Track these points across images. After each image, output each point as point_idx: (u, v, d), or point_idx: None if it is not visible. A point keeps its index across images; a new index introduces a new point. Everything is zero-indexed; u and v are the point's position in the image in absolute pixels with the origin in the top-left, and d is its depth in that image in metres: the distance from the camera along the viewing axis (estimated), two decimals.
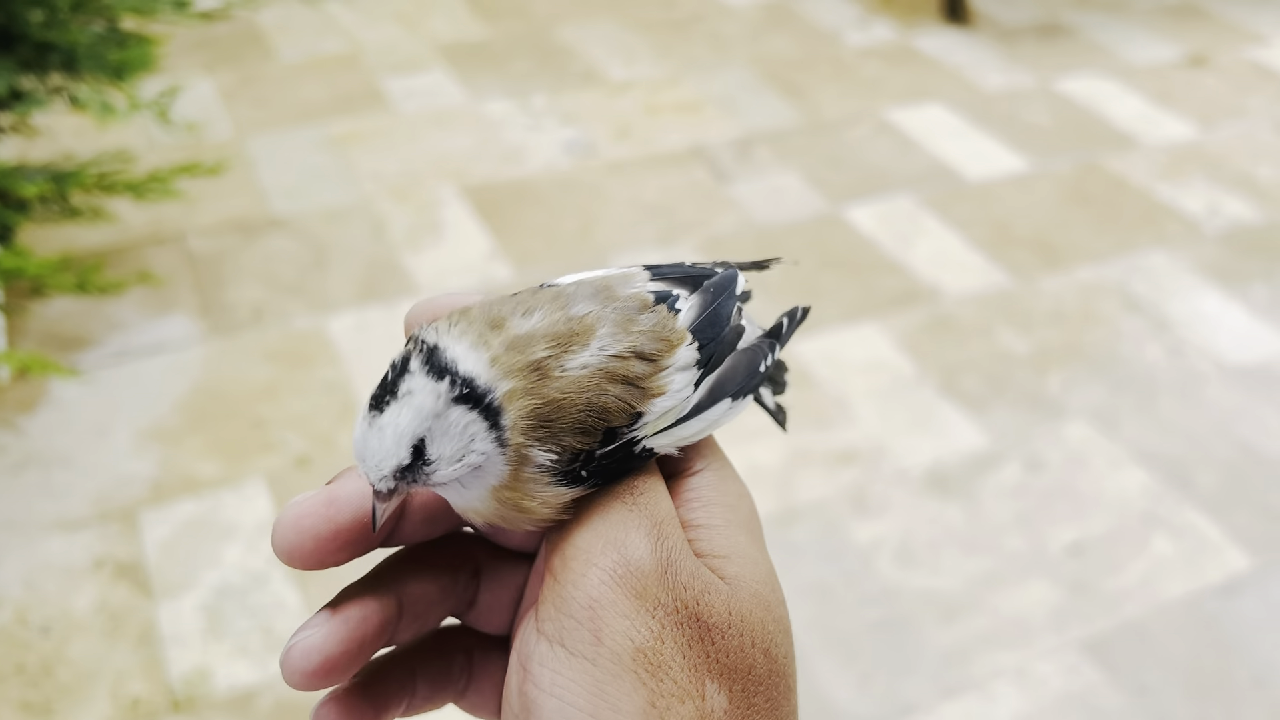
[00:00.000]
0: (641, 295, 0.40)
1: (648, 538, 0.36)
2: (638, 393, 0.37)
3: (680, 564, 0.35)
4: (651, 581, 0.35)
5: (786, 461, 1.85)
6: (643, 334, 0.38)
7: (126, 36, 2.00)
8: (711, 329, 0.41)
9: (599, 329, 0.38)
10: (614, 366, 0.37)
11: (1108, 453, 1.90)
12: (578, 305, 0.38)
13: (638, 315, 0.39)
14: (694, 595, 0.35)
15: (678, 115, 2.85)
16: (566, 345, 0.37)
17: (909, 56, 3.21)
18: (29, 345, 1.99)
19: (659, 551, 0.35)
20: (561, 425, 0.36)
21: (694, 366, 0.39)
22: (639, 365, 0.38)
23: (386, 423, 0.35)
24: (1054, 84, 3.09)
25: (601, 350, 0.37)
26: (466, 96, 2.89)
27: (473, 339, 0.36)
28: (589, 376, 0.37)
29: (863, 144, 2.76)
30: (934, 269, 2.32)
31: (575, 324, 0.38)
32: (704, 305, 0.41)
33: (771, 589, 0.38)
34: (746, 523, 0.39)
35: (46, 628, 1.54)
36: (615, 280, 0.41)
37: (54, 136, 2.46)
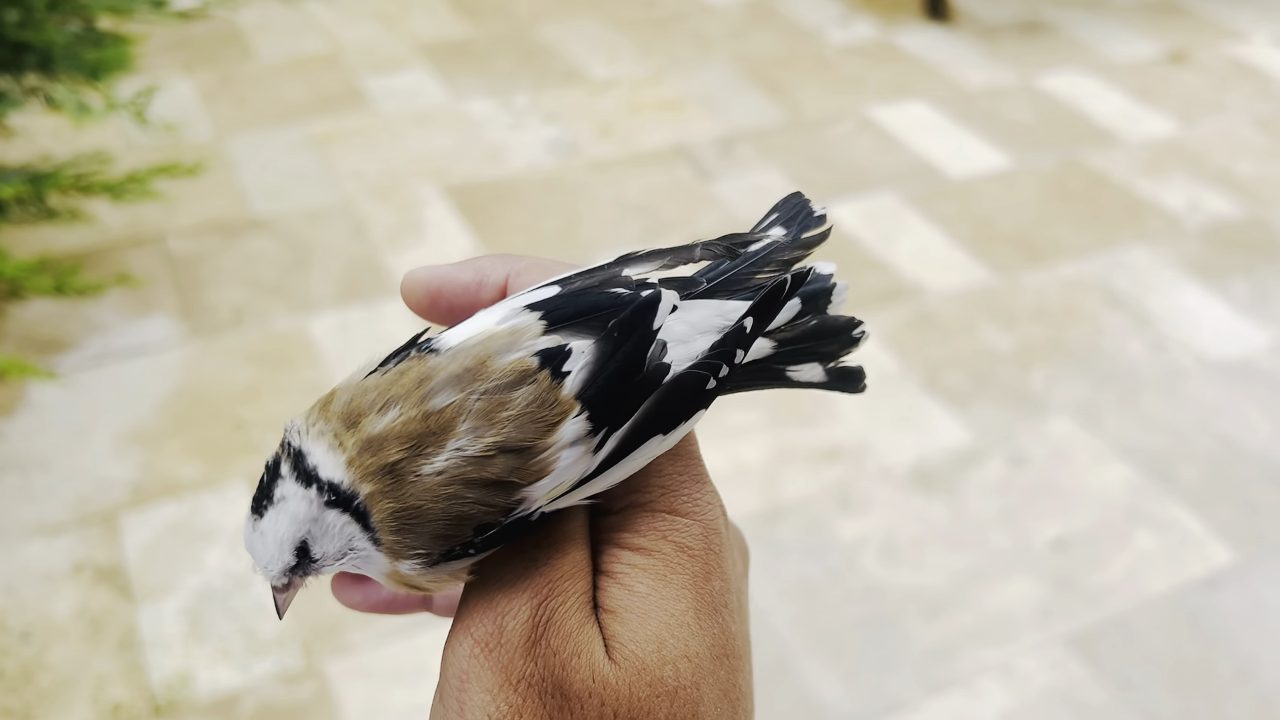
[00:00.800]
0: (521, 363, 0.36)
1: (530, 601, 0.34)
2: (505, 489, 0.35)
3: (558, 628, 0.34)
4: (518, 652, 0.33)
5: (771, 459, 1.84)
6: (512, 422, 0.35)
7: (103, 36, 1.98)
8: (612, 387, 0.36)
9: (458, 424, 0.35)
10: (470, 471, 0.34)
11: (1091, 448, 1.91)
12: (437, 396, 0.35)
13: (510, 394, 0.35)
14: (560, 661, 0.33)
15: (660, 114, 2.85)
16: (420, 448, 0.35)
17: (891, 54, 3.21)
18: (7, 348, 1.97)
19: (538, 614, 0.34)
20: (423, 530, 0.35)
21: (585, 436, 0.36)
22: (503, 462, 0.35)
23: (267, 528, 0.36)
24: (1035, 81, 3.09)
25: (458, 451, 0.35)
26: (448, 96, 2.88)
27: (329, 441, 0.36)
28: (444, 483, 0.34)
29: (845, 142, 2.76)
30: (917, 266, 2.32)
31: (431, 421, 0.35)
32: (600, 360, 0.36)
33: (663, 654, 0.34)
34: (662, 569, 0.36)
35: (26, 633, 1.53)
36: (496, 345, 0.36)
37: (31, 137, 2.44)
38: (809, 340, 0.42)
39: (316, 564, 0.37)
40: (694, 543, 0.37)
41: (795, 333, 0.42)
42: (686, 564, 0.36)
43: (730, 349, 0.38)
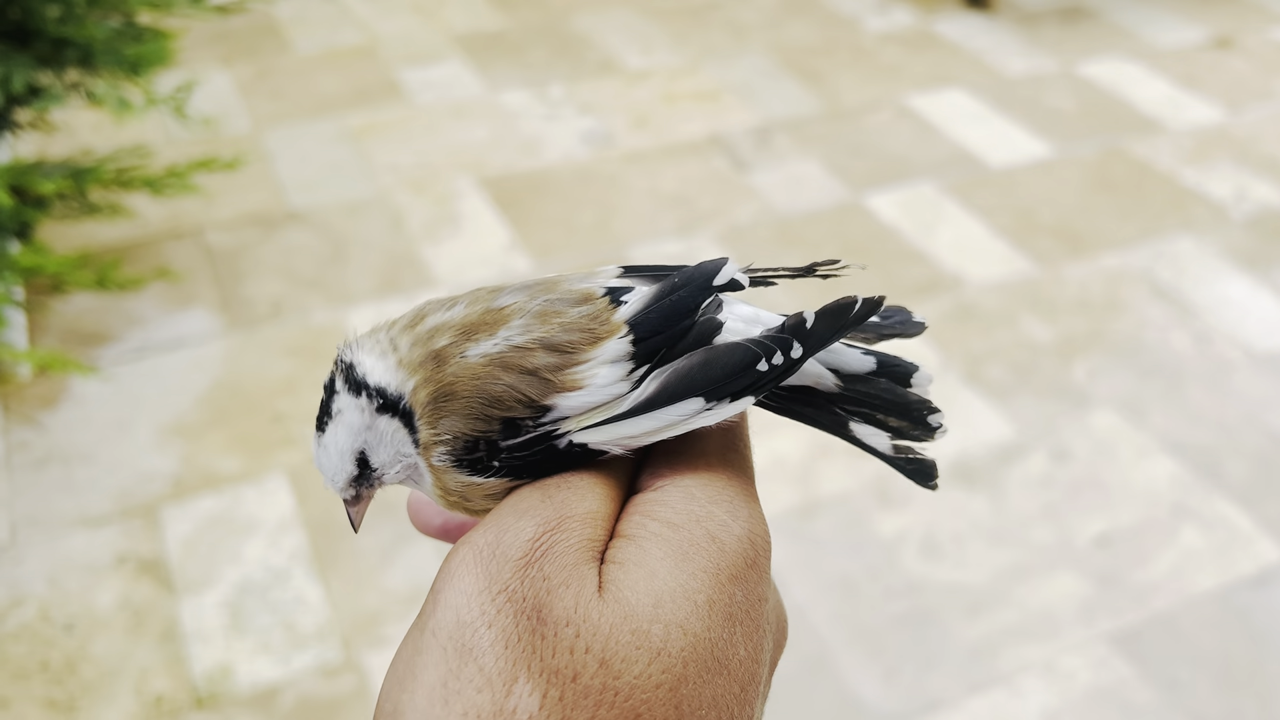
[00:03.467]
0: (587, 289, 0.38)
1: (535, 526, 0.34)
2: (539, 384, 0.36)
3: (555, 557, 0.33)
4: (509, 566, 0.33)
5: (809, 453, 1.83)
6: (561, 326, 0.37)
7: (142, 31, 1.99)
8: (661, 321, 0.37)
9: (514, 320, 0.37)
10: (511, 356, 0.36)
11: (1135, 442, 1.88)
12: (504, 297, 0.38)
13: (568, 309, 0.37)
14: (547, 586, 0.32)
15: (696, 104, 2.83)
16: (472, 334, 0.36)
17: (929, 42, 3.17)
18: (50, 342, 1.99)
19: (539, 541, 0.33)
20: (452, 408, 0.36)
21: (626, 360, 0.36)
22: (543, 357, 0.36)
23: (329, 442, 0.38)
24: (1077, 68, 3.05)
25: (506, 339, 0.36)
26: (483, 87, 2.87)
27: (381, 347, 0.37)
28: (483, 364, 0.36)
29: (883, 131, 2.73)
30: (957, 257, 2.29)
31: (490, 315, 0.37)
32: (657, 296, 0.38)
33: (658, 611, 0.33)
34: (686, 546, 0.34)
35: (70, 625, 1.54)
36: (574, 276, 0.39)
37: (72, 133, 2.46)
38: (877, 402, 0.41)
39: (377, 473, 0.38)
40: (729, 540, 0.35)
41: (865, 386, 0.41)
42: (714, 554, 0.34)
43: (788, 339, 0.37)
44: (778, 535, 1.69)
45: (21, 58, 1.84)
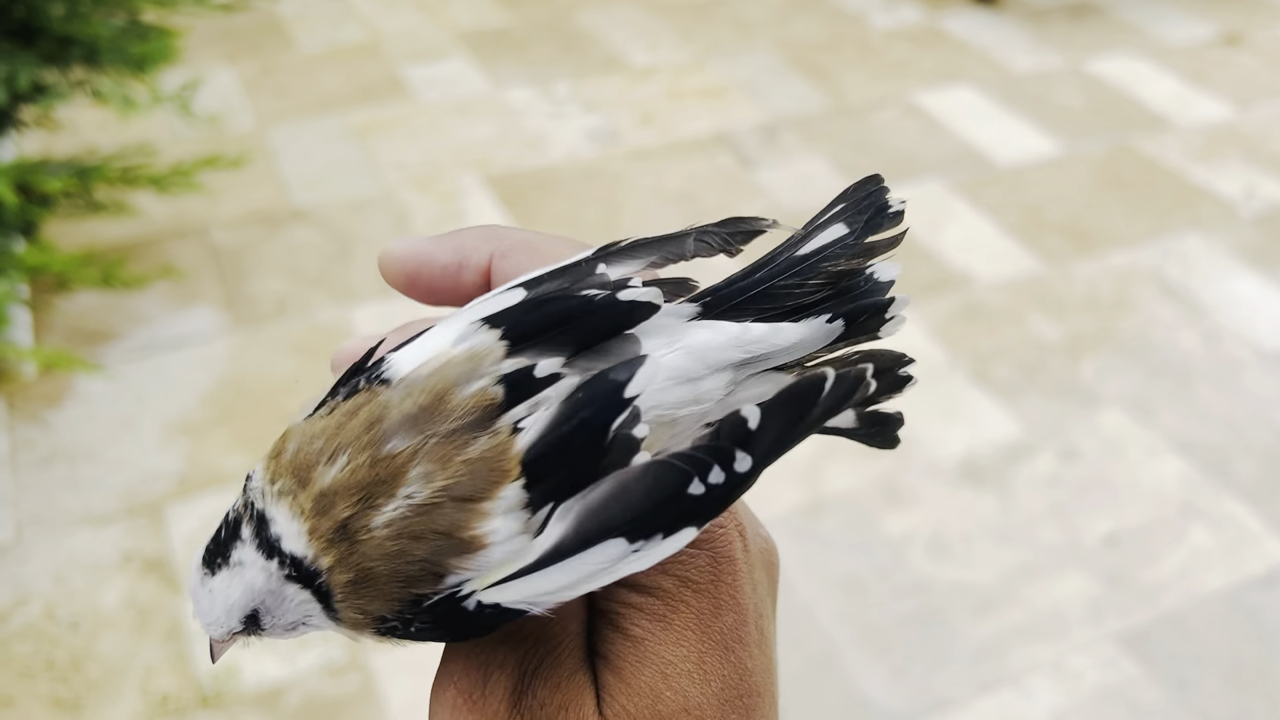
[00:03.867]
0: (484, 395, 0.31)
1: (516, 649, 0.32)
2: (454, 546, 0.30)
3: (545, 677, 0.32)
4: (503, 705, 0.31)
5: (816, 452, 1.82)
6: (466, 467, 0.30)
7: (147, 29, 1.99)
8: (559, 458, 0.30)
9: (410, 469, 0.30)
10: (418, 522, 0.30)
11: (1144, 441, 1.87)
12: (391, 440, 0.31)
13: (468, 439, 0.30)
14: (546, 715, 0.31)
15: (702, 101, 2.82)
16: (371, 499, 0.31)
17: (936, 38, 3.16)
18: (54, 340, 1.99)
19: (524, 664, 0.32)
20: (371, 593, 0.31)
21: (520, 509, 0.30)
22: (451, 512, 0.30)
23: (218, 588, 0.34)
24: (1085, 65, 3.03)
25: (407, 500, 0.30)
26: (488, 84, 2.87)
27: (290, 506, 0.32)
28: (392, 539, 0.30)
29: (890, 128, 2.72)
30: (964, 255, 2.28)
31: (381, 468, 0.31)
32: (560, 420, 0.30)
33: (660, 704, 0.31)
34: (676, 603, 0.33)
35: (75, 623, 1.54)
36: (453, 374, 0.31)
37: (77, 130, 2.46)
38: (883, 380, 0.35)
39: (264, 631, 0.34)
40: (700, 576, 0.33)
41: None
42: (691, 600, 0.32)
43: (726, 448, 0.30)
44: (784, 534, 1.68)
45: (26, 55, 1.84)
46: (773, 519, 1.70)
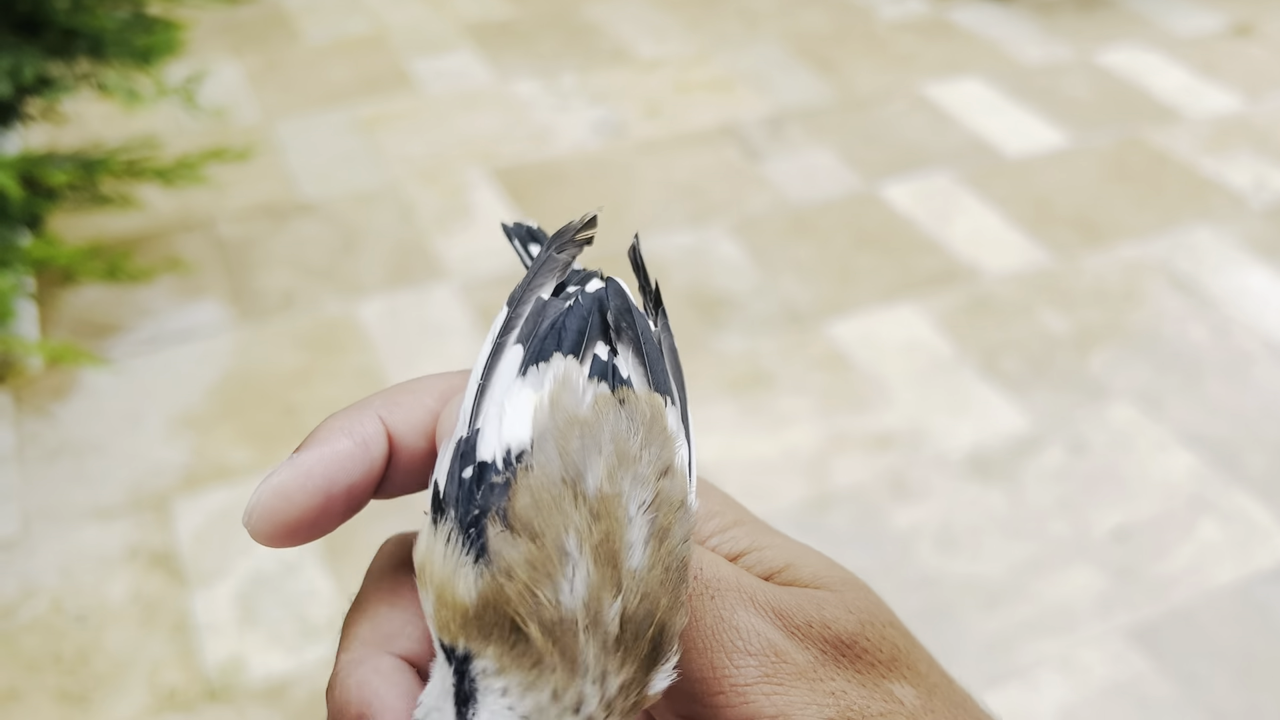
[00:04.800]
0: (599, 396, 0.30)
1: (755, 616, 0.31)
2: (686, 511, 0.29)
3: (784, 601, 0.32)
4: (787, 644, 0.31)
5: (822, 445, 1.82)
6: (646, 449, 0.29)
7: (152, 21, 1.98)
8: (659, 364, 0.33)
9: (627, 500, 0.28)
10: (658, 521, 0.28)
11: (1153, 435, 1.86)
12: (587, 481, 0.28)
13: (619, 428, 0.29)
14: (819, 620, 0.32)
15: (708, 93, 2.81)
16: (614, 559, 0.27)
17: (944, 30, 3.15)
18: (61, 333, 1.98)
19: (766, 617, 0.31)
20: (669, 609, 0.28)
21: (677, 412, 0.31)
22: (671, 487, 0.29)
23: None
24: (1094, 56, 3.02)
25: (643, 521, 0.28)
26: (494, 77, 2.86)
27: (594, 678, 0.26)
28: (652, 565, 0.28)
29: (898, 120, 2.71)
30: (973, 247, 2.27)
31: (610, 529, 0.27)
32: (635, 347, 0.32)
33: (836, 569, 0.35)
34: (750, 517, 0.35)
35: (82, 616, 1.54)
36: (565, 402, 0.30)
37: (83, 123, 2.46)
38: None
39: None
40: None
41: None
42: (752, 513, 0.36)
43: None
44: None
45: (31, 48, 1.83)
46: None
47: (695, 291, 2.13)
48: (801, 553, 0.34)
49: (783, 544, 0.34)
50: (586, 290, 0.34)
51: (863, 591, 0.33)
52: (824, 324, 2.07)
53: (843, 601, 0.32)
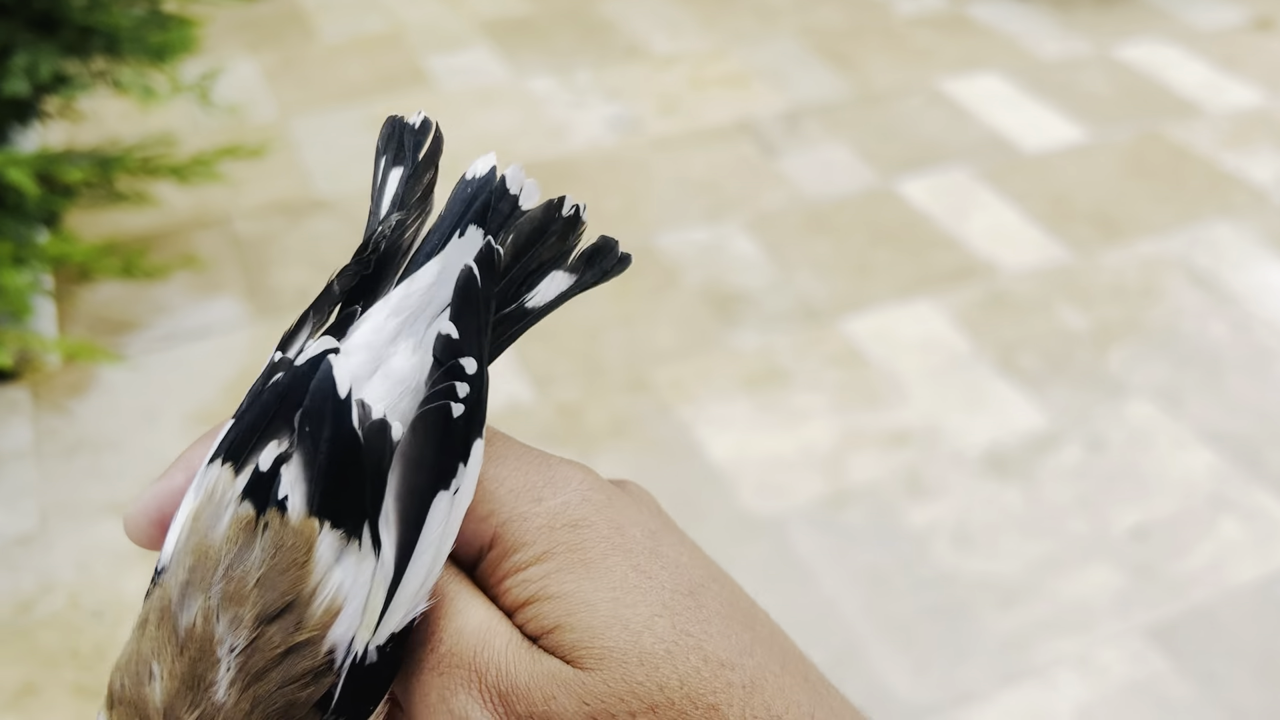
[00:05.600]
0: (238, 520, 0.29)
1: (472, 688, 0.30)
2: (304, 651, 0.29)
3: (513, 686, 0.30)
4: None
5: (838, 443, 1.81)
6: (258, 587, 0.29)
7: (168, 18, 1.99)
8: (335, 480, 0.29)
9: (215, 628, 0.29)
10: (255, 663, 0.29)
11: (1172, 432, 1.84)
12: (181, 616, 0.29)
13: (246, 560, 0.29)
14: (543, 714, 0.29)
15: (724, 89, 2.80)
16: (200, 683, 0.28)
17: (961, 25, 3.13)
18: (78, 330, 1.99)
19: (488, 697, 0.30)
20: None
21: (348, 545, 0.29)
22: (278, 631, 0.29)
23: None
24: (1113, 51, 2.99)
25: (231, 653, 0.29)
26: (509, 74, 2.86)
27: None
28: (241, 698, 0.29)
29: (914, 115, 2.70)
30: (990, 243, 2.26)
31: (191, 649, 0.29)
32: (309, 457, 0.29)
33: (629, 623, 0.30)
34: (580, 543, 0.31)
35: (99, 611, 1.55)
36: (204, 522, 0.30)
37: (99, 121, 2.47)
38: (525, 252, 0.35)
39: None
40: (583, 511, 0.31)
41: (506, 255, 0.34)
42: (592, 535, 0.31)
43: (450, 362, 0.31)
44: (805, 526, 1.67)
45: (48, 46, 1.84)
46: (794, 511, 1.69)
47: (710, 288, 2.13)
48: (579, 612, 0.30)
49: (572, 594, 0.30)
50: (297, 365, 0.31)
51: (624, 669, 0.29)
52: (840, 320, 2.06)
53: (581, 688, 0.29)
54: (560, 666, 0.29)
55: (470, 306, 0.32)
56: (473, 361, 0.31)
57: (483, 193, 0.35)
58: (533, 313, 0.35)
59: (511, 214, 0.35)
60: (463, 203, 0.35)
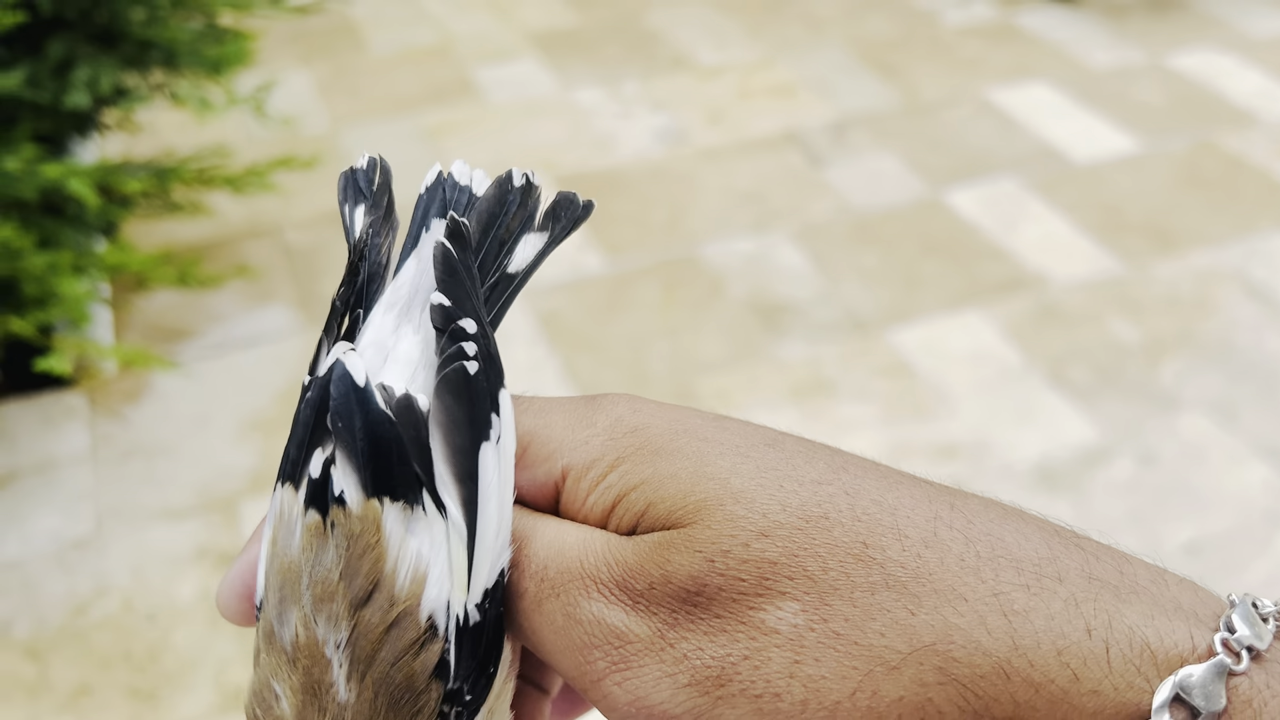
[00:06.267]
0: (308, 530, 0.31)
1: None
2: (401, 626, 0.30)
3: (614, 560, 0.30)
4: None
5: (885, 454, 1.80)
6: (344, 579, 0.30)
7: (223, 32, 2.02)
8: (380, 461, 0.30)
9: (317, 631, 0.30)
10: (362, 648, 0.30)
11: (1226, 447, 1.81)
12: (284, 630, 0.31)
13: (324, 561, 0.30)
14: (660, 577, 0.29)
15: (771, 99, 2.80)
16: (319, 689, 0.30)
17: (1010, 34, 3.10)
18: (133, 338, 2.03)
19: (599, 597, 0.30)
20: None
21: (414, 513, 0.30)
22: (372, 614, 0.30)
23: None
24: (1166, 60, 2.96)
25: (337, 649, 0.30)
26: (557, 85, 2.88)
27: None
28: (361, 690, 0.30)
29: (963, 125, 2.68)
30: (1040, 255, 2.24)
31: (301, 657, 0.30)
32: (350, 449, 0.30)
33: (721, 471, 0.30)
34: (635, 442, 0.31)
35: (152, 615, 1.57)
36: (282, 543, 0.31)
37: (156, 132, 2.52)
38: (492, 226, 0.36)
39: None
40: (638, 419, 0.32)
41: (476, 233, 0.36)
42: (653, 431, 0.32)
43: (452, 327, 0.32)
44: None
45: (109, 60, 1.88)
46: None
47: (757, 298, 2.12)
48: (664, 485, 0.30)
49: (651, 476, 0.30)
50: (319, 376, 0.32)
51: (722, 509, 0.29)
52: (887, 331, 2.05)
53: (689, 540, 0.29)
54: (663, 534, 0.29)
55: (454, 275, 0.33)
56: (471, 321, 0.32)
57: (437, 193, 0.37)
58: (517, 276, 0.36)
59: (469, 203, 0.37)
60: (423, 208, 0.37)
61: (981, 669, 0.27)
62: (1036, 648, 0.27)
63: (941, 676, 0.27)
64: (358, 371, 0.31)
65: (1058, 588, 0.28)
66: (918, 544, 0.28)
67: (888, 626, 0.27)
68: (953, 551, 0.28)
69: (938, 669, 0.27)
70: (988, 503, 0.31)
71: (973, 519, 0.30)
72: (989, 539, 0.29)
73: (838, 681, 0.27)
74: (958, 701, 0.27)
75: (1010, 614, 0.27)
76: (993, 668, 0.27)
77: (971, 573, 0.28)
